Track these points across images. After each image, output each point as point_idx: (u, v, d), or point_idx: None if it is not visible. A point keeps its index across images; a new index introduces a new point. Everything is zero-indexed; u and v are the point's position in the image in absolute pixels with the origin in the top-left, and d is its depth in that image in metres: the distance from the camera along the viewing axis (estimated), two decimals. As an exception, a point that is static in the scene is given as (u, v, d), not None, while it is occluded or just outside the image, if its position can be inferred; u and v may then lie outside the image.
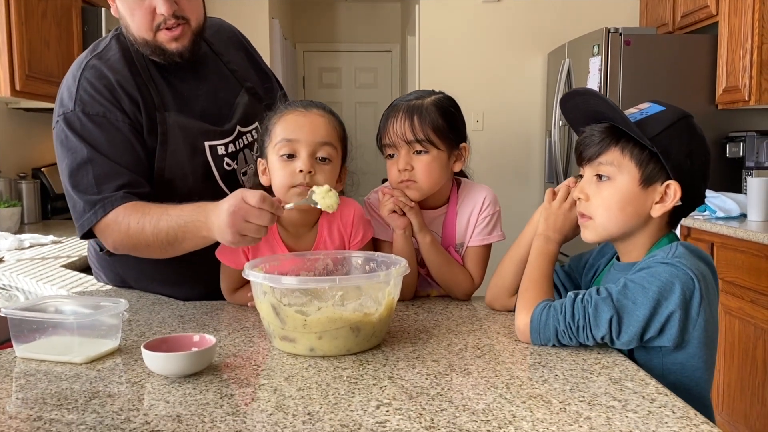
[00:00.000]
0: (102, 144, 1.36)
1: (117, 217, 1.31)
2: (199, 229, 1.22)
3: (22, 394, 0.92)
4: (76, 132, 1.36)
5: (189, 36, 1.41)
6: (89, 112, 1.37)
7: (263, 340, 1.15)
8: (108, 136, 1.37)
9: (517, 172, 4.47)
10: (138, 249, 1.33)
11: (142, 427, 0.80)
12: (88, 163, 1.35)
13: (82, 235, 1.38)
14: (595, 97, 1.12)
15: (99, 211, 1.32)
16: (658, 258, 1.05)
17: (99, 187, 1.33)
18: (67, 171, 1.37)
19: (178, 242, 1.26)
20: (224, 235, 1.16)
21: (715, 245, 2.69)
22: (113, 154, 1.36)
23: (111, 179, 1.34)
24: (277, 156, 1.27)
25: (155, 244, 1.28)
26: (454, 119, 1.39)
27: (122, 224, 1.30)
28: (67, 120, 1.38)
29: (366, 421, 0.81)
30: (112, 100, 1.38)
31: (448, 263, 1.41)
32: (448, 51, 4.40)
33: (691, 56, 3.46)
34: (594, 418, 0.82)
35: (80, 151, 1.35)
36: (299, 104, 1.31)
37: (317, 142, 1.26)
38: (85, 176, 1.35)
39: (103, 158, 1.35)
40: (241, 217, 1.13)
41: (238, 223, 1.13)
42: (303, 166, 1.24)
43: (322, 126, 1.28)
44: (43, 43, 2.76)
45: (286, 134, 1.26)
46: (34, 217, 3.00)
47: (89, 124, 1.37)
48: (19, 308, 1.08)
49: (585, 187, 1.13)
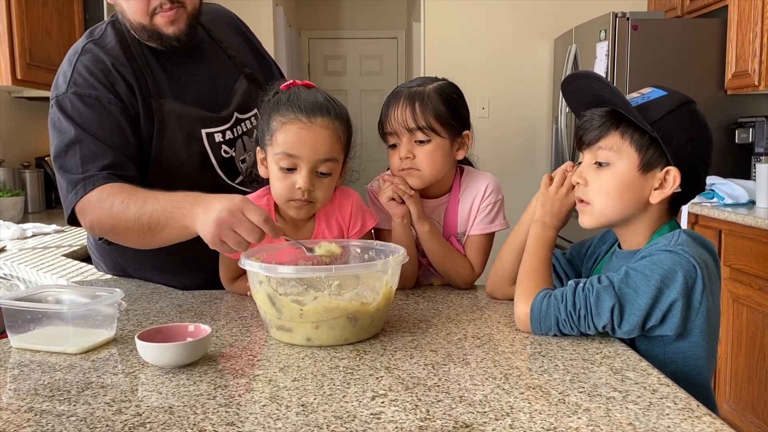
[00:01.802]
0: (91, 125, 1.34)
1: (101, 195, 1.27)
2: (182, 216, 1.17)
3: (14, 385, 0.92)
4: (66, 113, 1.35)
5: (185, 19, 1.40)
6: (81, 94, 1.35)
7: (260, 330, 1.14)
8: (98, 117, 1.35)
9: (523, 160, 4.44)
10: (116, 231, 1.28)
11: (133, 418, 0.79)
12: (76, 143, 1.32)
13: (67, 219, 1.35)
14: (596, 81, 1.09)
15: (80, 191, 1.29)
16: (661, 246, 1.03)
17: (84, 167, 1.31)
18: (56, 152, 1.35)
19: (159, 228, 1.21)
20: (205, 232, 1.11)
21: (723, 232, 2.66)
22: (101, 135, 1.34)
23: (96, 159, 1.31)
24: (277, 165, 1.23)
25: (135, 228, 1.23)
26: (457, 106, 1.36)
27: (105, 202, 1.26)
28: (60, 102, 1.37)
29: (360, 413, 0.80)
30: (106, 84, 1.37)
31: (448, 252, 1.39)
32: (453, 37, 4.36)
33: (699, 41, 3.41)
34: (593, 409, 0.81)
35: (69, 132, 1.34)
36: (303, 109, 1.22)
37: (318, 159, 1.23)
38: (72, 157, 1.32)
39: (90, 138, 1.33)
40: (230, 225, 1.08)
41: (223, 228, 1.08)
42: (302, 183, 1.22)
43: (326, 141, 1.23)
44: (44, 31, 2.75)
45: (287, 148, 1.22)
46: (37, 207, 3.00)
47: (80, 105, 1.35)
48: (13, 298, 1.07)
49: (584, 171, 1.11)
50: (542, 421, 0.77)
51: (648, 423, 0.77)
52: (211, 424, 0.77)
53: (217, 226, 1.09)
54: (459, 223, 1.43)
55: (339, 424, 0.77)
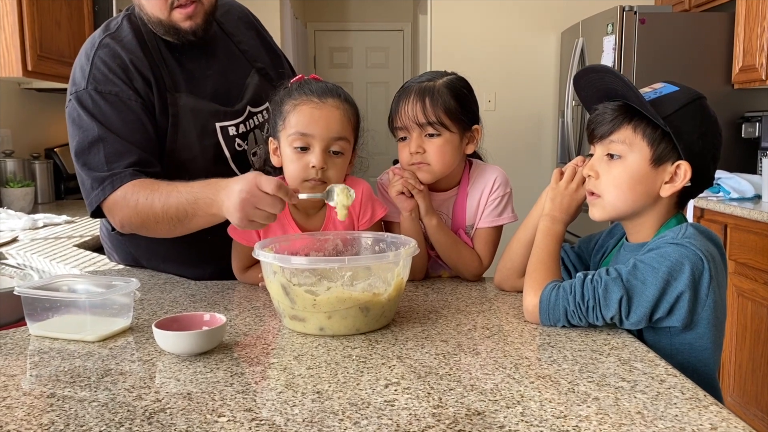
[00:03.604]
0: (114, 122, 1.36)
1: (126, 194, 1.30)
2: (209, 206, 1.21)
3: (36, 372, 0.94)
4: (87, 110, 1.36)
5: (202, 14, 1.41)
6: (102, 91, 1.37)
7: (273, 320, 1.16)
8: (120, 115, 1.36)
9: (530, 153, 4.44)
10: (146, 226, 1.31)
11: (153, 404, 0.81)
12: (99, 141, 1.35)
13: (91, 213, 1.38)
14: (610, 75, 1.10)
15: (107, 188, 1.32)
16: (668, 239, 1.05)
17: (109, 165, 1.33)
18: (78, 149, 1.37)
19: (188, 219, 1.25)
20: (232, 216, 1.16)
21: (728, 227, 2.67)
22: (124, 132, 1.36)
23: (121, 157, 1.34)
24: (291, 147, 1.26)
25: (164, 221, 1.27)
26: (467, 101, 1.37)
27: (130, 200, 1.29)
28: (80, 98, 1.38)
29: (374, 400, 0.82)
30: (125, 79, 1.38)
31: (455, 245, 1.41)
32: (460, 30, 4.35)
33: (706, 35, 3.41)
34: (602, 398, 0.82)
35: (91, 129, 1.35)
36: (315, 92, 1.28)
37: (331, 137, 1.26)
38: (96, 154, 1.35)
39: (114, 136, 1.35)
40: (252, 203, 1.12)
41: (248, 208, 1.13)
42: (316, 162, 1.25)
43: (337, 120, 1.27)
44: (55, 23, 2.76)
45: (300, 127, 1.25)
46: (47, 197, 3.02)
47: (101, 102, 1.37)
48: (32, 287, 1.09)
49: (595, 164, 1.13)
50: (552, 410, 0.79)
51: (656, 412, 0.79)
52: (229, 409, 0.79)
53: (242, 209, 1.13)
54: (467, 216, 1.44)
55: (354, 411, 0.79)
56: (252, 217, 1.14)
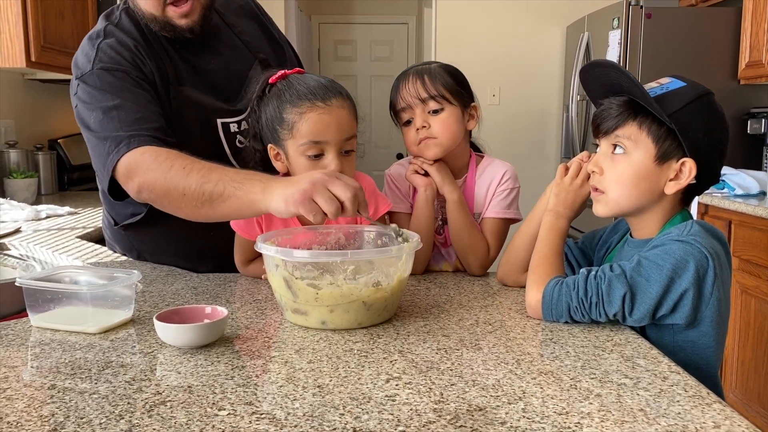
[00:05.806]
0: (127, 95, 1.30)
1: (157, 156, 1.21)
2: (252, 191, 1.11)
3: (36, 363, 0.94)
4: (97, 87, 1.31)
5: (199, 11, 1.39)
6: (109, 68, 1.32)
7: (275, 313, 1.16)
8: (131, 88, 1.31)
9: (534, 147, 4.43)
10: (169, 197, 1.20)
11: (153, 397, 0.81)
12: (113, 109, 1.28)
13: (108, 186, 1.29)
14: (615, 70, 1.09)
15: (124, 147, 1.22)
16: (673, 235, 1.04)
17: (128, 127, 1.25)
18: (92, 122, 1.30)
19: (221, 199, 1.13)
20: (289, 196, 1.05)
21: (732, 223, 2.66)
22: (140, 102, 1.30)
23: (139, 122, 1.26)
24: (304, 156, 1.24)
25: (193, 196, 1.16)
26: (463, 80, 1.42)
27: (162, 164, 1.19)
28: (85, 81, 1.34)
29: (375, 395, 0.82)
30: (133, 63, 1.35)
31: (471, 227, 1.40)
32: (464, 23, 4.34)
33: (713, 30, 3.39)
34: (605, 395, 0.82)
35: (103, 100, 1.29)
36: (316, 95, 1.23)
37: (343, 139, 1.24)
38: (112, 120, 1.26)
39: (129, 104, 1.29)
40: (323, 184, 1.05)
41: (317, 187, 1.04)
42: (334, 167, 1.22)
43: (346, 120, 1.25)
44: (58, 14, 2.76)
45: (313, 136, 1.22)
46: (50, 189, 3.02)
47: (110, 77, 1.32)
48: (34, 278, 1.09)
49: (600, 160, 1.12)
50: (554, 406, 0.79)
51: (659, 409, 0.78)
52: (229, 403, 0.79)
53: (309, 189, 1.04)
54: (475, 204, 1.44)
55: (355, 405, 0.78)
56: (316, 197, 1.04)
